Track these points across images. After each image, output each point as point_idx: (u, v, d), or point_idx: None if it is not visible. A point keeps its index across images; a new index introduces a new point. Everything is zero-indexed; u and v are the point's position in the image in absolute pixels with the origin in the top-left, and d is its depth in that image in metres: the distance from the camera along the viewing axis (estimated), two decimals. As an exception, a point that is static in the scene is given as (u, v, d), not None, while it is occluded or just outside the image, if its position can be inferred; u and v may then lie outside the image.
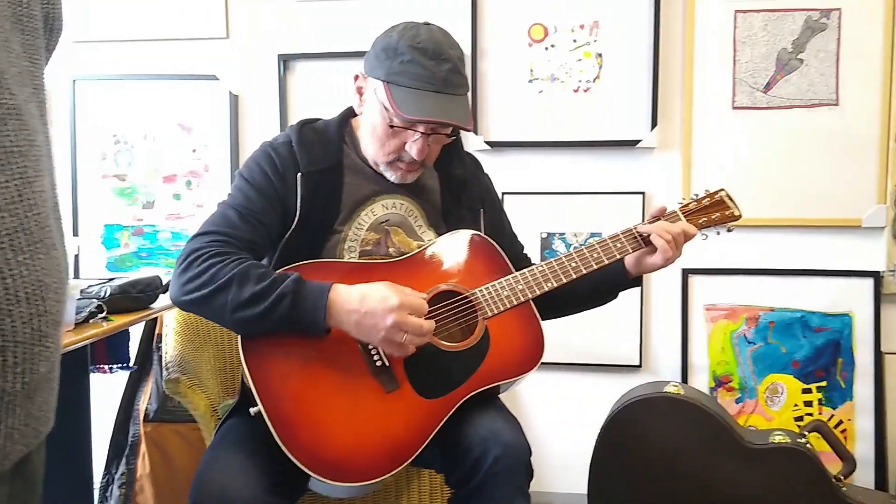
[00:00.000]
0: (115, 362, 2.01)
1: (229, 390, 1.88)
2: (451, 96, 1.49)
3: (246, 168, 1.58)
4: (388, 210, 1.62)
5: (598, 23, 2.48)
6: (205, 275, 1.39)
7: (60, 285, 0.80)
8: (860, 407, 2.43)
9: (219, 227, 1.48)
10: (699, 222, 1.65)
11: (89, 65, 2.72)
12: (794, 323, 2.44)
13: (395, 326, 1.38)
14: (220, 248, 1.43)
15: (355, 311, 1.39)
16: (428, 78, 1.47)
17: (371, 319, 1.39)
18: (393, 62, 1.49)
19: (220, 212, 1.52)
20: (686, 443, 2.01)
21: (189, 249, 1.45)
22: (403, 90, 1.48)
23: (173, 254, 2.71)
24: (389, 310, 1.38)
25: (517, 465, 1.43)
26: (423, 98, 1.47)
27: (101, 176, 2.72)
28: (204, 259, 1.41)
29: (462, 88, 1.53)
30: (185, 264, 1.43)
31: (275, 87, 2.65)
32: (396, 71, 1.48)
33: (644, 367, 2.55)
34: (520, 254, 1.80)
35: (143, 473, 2.30)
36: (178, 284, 1.43)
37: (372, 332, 1.40)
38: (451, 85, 1.49)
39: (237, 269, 1.39)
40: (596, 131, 2.50)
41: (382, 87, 1.50)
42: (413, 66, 1.47)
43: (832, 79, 2.40)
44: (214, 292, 1.38)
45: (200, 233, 1.48)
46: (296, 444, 1.38)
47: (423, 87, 1.47)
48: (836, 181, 2.41)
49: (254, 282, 1.38)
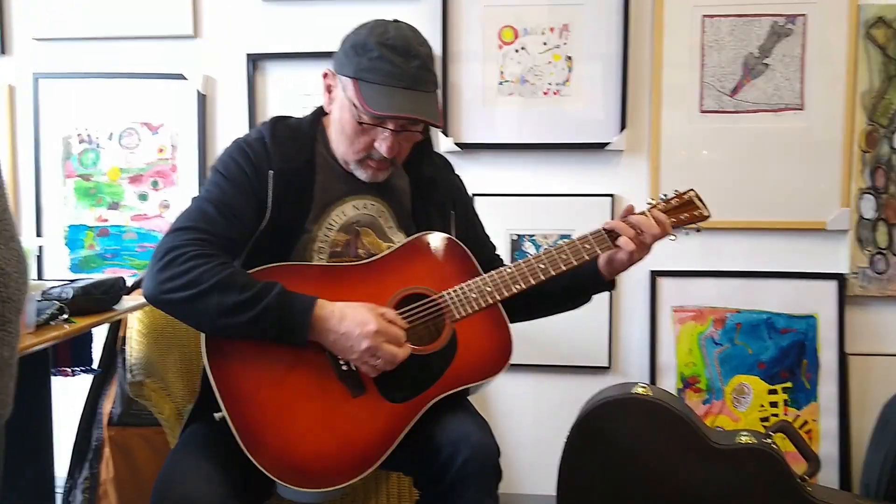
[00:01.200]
0: (78, 365, 1.97)
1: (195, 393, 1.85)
2: (420, 93, 1.49)
3: (220, 162, 1.56)
4: (359, 211, 1.61)
5: (567, 26, 2.49)
6: (186, 276, 1.37)
7: (20, 275, 0.83)
8: (825, 407, 2.46)
9: (196, 222, 1.46)
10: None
11: (53, 62, 2.67)
12: (760, 324, 2.47)
13: (367, 351, 1.40)
14: (201, 248, 1.41)
15: (333, 331, 1.41)
16: (397, 75, 1.46)
17: (347, 341, 1.40)
18: (362, 59, 1.48)
19: (197, 206, 1.50)
20: (654, 443, 2.02)
21: (168, 246, 1.42)
22: (372, 87, 1.47)
23: (139, 255, 2.67)
24: (366, 335, 1.39)
25: (486, 467, 1.43)
26: (392, 94, 1.46)
27: (65, 175, 2.68)
28: (186, 259, 1.39)
29: (431, 85, 1.52)
30: (164, 261, 1.40)
31: (243, 86, 2.62)
32: (365, 68, 1.47)
33: (613, 368, 2.56)
34: (492, 255, 1.80)
35: (106, 478, 2.26)
36: (155, 282, 1.40)
37: (346, 352, 1.42)
38: (420, 81, 1.49)
39: (220, 274, 1.37)
40: (565, 134, 2.51)
41: (351, 84, 1.49)
42: (382, 63, 1.46)
43: (797, 83, 2.43)
44: (197, 296, 1.36)
45: (178, 228, 1.45)
46: (261, 449, 1.37)
47: (392, 83, 1.46)
48: (801, 184, 2.44)
49: (238, 290, 1.37)
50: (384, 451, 1.43)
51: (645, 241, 1.58)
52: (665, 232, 1.60)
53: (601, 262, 1.64)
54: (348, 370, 1.45)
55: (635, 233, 1.57)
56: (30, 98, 2.66)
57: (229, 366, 1.41)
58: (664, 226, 1.60)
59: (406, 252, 1.59)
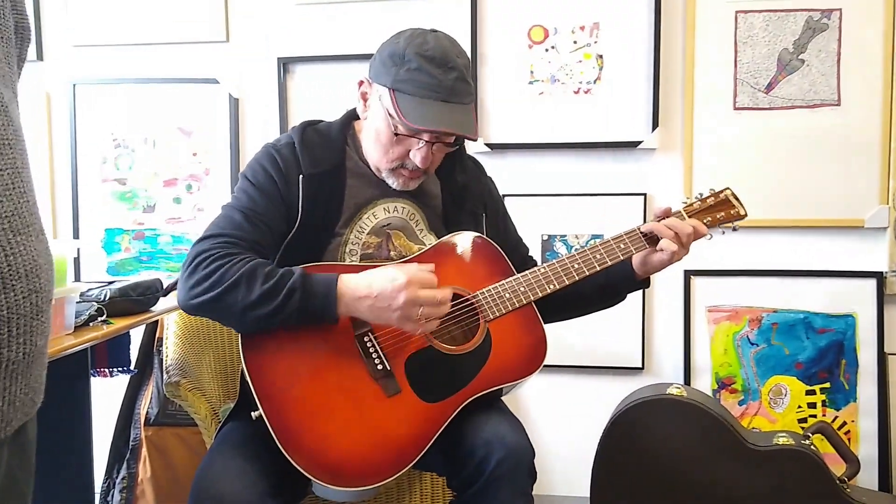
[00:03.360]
0: (115, 366, 2.00)
1: (230, 393, 1.87)
2: (457, 105, 1.49)
3: (249, 169, 1.57)
4: (390, 214, 1.62)
5: (598, 24, 2.47)
6: (212, 277, 1.38)
7: (49, 267, 0.88)
8: (864, 408, 2.42)
9: (223, 229, 1.48)
10: (704, 222, 1.63)
11: (89, 69, 2.72)
12: (797, 324, 2.43)
13: (408, 303, 1.38)
14: (225, 249, 1.43)
15: (366, 296, 1.40)
16: (434, 86, 1.46)
17: (383, 301, 1.39)
18: (399, 69, 1.48)
19: (225, 214, 1.52)
20: (689, 445, 2.00)
21: (195, 253, 1.44)
22: (409, 98, 1.47)
23: (174, 257, 2.70)
24: (399, 288, 1.38)
25: (520, 468, 1.42)
26: (429, 107, 1.46)
27: (101, 180, 2.72)
28: (210, 261, 1.40)
29: (468, 97, 1.52)
30: (191, 268, 1.42)
31: (275, 90, 2.65)
32: (403, 78, 1.47)
33: (646, 369, 2.54)
34: (525, 256, 1.80)
35: (144, 477, 2.29)
36: (185, 289, 1.42)
37: (386, 314, 1.40)
38: (457, 94, 1.48)
39: (244, 268, 1.39)
40: (597, 133, 2.49)
41: (388, 94, 1.49)
42: (419, 74, 1.46)
43: (833, 79, 2.39)
44: (223, 294, 1.37)
45: (206, 236, 1.48)
46: (297, 448, 1.37)
47: (429, 95, 1.46)
48: (838, 182, 2.40)
49: (262, 280, 1.38)
50: (419, 451, 1.43)
51: (683, 242, 1.57)
52: (700, 234, 1.59)
53: (636, 261, 1.63)
54: (383, 369, 1.46)
55: (674, 233, 1.56)
56: (66, 104, 2.71)
57: (266, 366, 1.42)
58: (699, 230, 1.59)
59: (439, 252, 1.59)
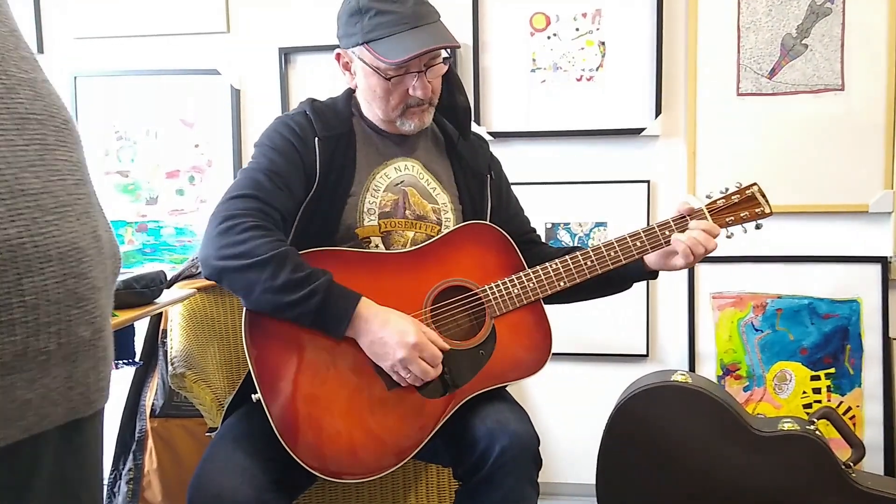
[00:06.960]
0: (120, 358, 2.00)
1: (235, 384, 1.87)
2: (427, 26, 1.53)
3: (266, 137, 1.59)
4: (402, 172, 1.64)
5: (600, 11, 2.46)
6: (243, 245, 1.39)
7: (98, 253, 0.80)
8: (869, 393, 2.41)
9: (251, 190, 1.47)
10: (726, 220, 1.60)
11: (90, 61, 2.71)
12: (801, 310, 2.43)
13: (403, 362, 1.41)
14: (257, 219, 1.43)
15: (372, 332, 1.41)
16: (399, 19, 1.50)
17: (383, 347, 1.41)
18: (362, 22, 1.52)
19: (248, 175, 1.52)
20: (694, 432, 2.00)
21: (226, 213, 1.44)
22: (383, 42, 1.51)
23: (177, 249, 2.70)
24: (404, 346, 1.40)
25: (525, 455, 1.42)
26: (403, 38, 1.50)
27: (103, 172, 2.72)
28: (244, 228, 1.40)
29: (435, 15, 1.56)
30: (223, 227, 1.42)
31: (276, 80, 2.64)
32: (369, 28, 1.51)
33: (651, 356, 2.54)
34: (529, 231, 1.81)
35: (150, 469, 2.30)
36: (213, 246, 1.41)
37: (379, 357, 1.43)
38: (422, 17, 1.53)
39: (276, 250, 1.39)
40: (599, 120, 2.48)
41: (364, 49, 1.53)
42: (381, 17, 1.50)
43: (837, 64, 2.37)
44: (250, 266, 1.37)
45: (235, 195, 1.47)
46: (297, 440, 1.38)
47: (398, 30, 1.50)
48: (842, 167, 2.39)
49: (291, 269, 1.38)
50: (418, 444, 1.43)
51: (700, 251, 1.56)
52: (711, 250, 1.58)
53: (650, 257, 1.62)
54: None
55: (690, 252, 1.54)
56: (68, 97, 2.70)
57: (268, 351, 1.43)
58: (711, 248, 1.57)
59: (449, 242, 1.59)
